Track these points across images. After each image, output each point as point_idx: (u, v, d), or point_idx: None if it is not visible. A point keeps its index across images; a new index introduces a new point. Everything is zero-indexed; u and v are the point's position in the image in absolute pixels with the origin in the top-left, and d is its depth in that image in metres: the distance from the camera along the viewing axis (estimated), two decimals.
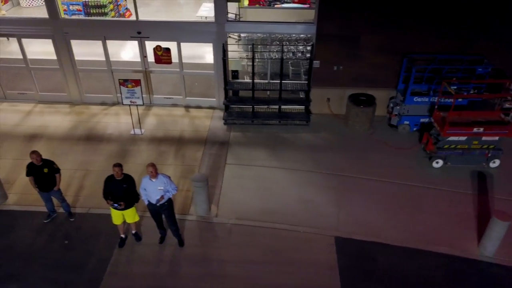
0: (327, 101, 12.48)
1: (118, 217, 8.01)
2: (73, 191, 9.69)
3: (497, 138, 10.17)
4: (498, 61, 11.12)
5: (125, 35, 12.08)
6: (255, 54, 11.68)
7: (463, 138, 10.21)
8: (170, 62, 12.11)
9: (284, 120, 12.19)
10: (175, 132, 11.92)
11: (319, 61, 11.74)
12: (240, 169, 10.52)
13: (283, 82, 11.93)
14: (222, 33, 11.65)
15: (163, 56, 12.02)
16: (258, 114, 12.37)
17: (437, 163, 10.54)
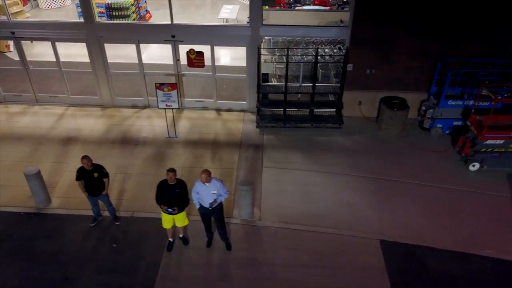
0: (358, 104, 12.55)
1: (169, 221, 8.08)
2: (115, 195, 9.73)
3: None
4: None
5: (159, 38, 12.11)
6: (287, 57, 11.72)
7: (500, 142, 10.30)
8: (203, 66, 12.16)
9: (317, 123, 12.25)
10: (209, 135, 11.98)
11: (352, 65, 11.82)
12: (278, 172, 10.58)
13: (316, 85, 12.00)
14: (256, 36, 11.71)
15: (196, 59, 12.07)
16: (290, 117, 12.44)
17: (474, 166, 10.61)
